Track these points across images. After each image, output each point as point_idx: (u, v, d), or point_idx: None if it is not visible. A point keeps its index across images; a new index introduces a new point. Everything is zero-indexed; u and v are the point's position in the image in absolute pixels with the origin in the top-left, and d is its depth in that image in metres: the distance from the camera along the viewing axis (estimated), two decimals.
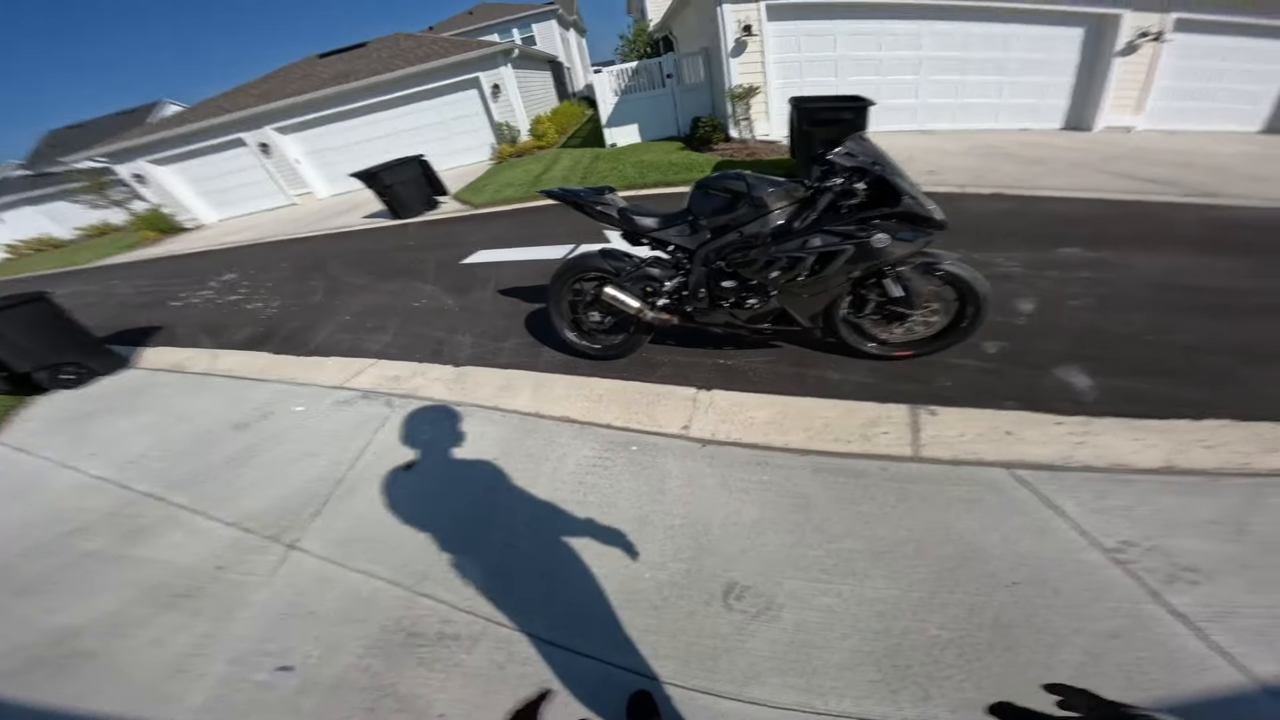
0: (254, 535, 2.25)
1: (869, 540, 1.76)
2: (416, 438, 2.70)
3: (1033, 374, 2.47)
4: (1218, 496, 1.75)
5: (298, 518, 2.30)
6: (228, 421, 3.18)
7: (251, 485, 2.58)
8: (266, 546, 2.18)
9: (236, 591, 2.00)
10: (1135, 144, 7.43)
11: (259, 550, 2.17)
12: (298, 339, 4.34)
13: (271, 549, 2.16)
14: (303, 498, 2.42)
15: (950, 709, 1.31)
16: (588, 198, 2.59)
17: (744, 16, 7.58)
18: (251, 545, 2.20)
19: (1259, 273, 3.27)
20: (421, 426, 2.79)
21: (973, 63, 8.17)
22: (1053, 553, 1.63)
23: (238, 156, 12.29)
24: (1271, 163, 6.15)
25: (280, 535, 2.22)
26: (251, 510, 2.40)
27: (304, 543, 2.17)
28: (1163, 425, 2.06)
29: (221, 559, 2.16)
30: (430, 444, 2.63)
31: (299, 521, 2.28)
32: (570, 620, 1.67)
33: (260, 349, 4.27)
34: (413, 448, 2.62)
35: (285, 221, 10.57)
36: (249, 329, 4.82)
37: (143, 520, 2.48)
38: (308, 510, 2.34)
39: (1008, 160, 6.55)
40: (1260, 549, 1.56)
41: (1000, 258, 3.73)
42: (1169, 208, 4.65)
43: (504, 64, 11.26)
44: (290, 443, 2.86)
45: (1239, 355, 2.45)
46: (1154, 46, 7.73)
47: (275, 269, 6.98)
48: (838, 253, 2.19)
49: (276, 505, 2.40)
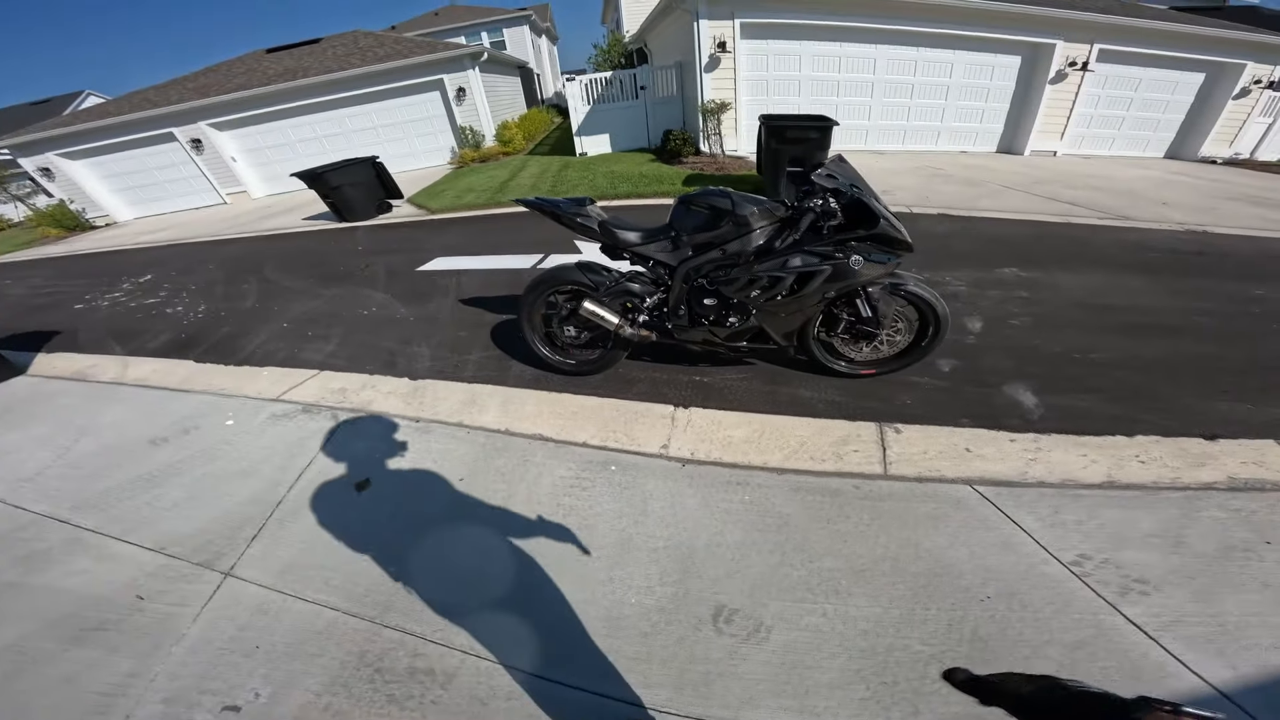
0: (181, 562, 2.02)
1: (848, 559, 1.80)
2: (370, 456, 2.52)
3: (984, 392, 2.65)
4: (1155, 510, 1.91)
5: (232, 542, 2.09)
6: (142, 436, 2.87)
7: (175, 506, 2.32)
8: (197, 574, 1.96)
9: (164, 624, 1.79)
10: (1058, 168, 8.26)
11: (188, 578, 1.95)
12: (226, 347, 3.99)
13: (204, 577, 1.95)
14: (237, 520, 2.20)
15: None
16: (567, 209, 2.53)
17: (719, 33, 7.85)
18: (179, 572, 1.98)
19: (1161, 291, 3.72)
20: (375, 444, 2.61)
21: (920, 87, 8.83)
22: (1018, 567, 1.72)
23: (166, 152, 11.43)
24: (1172, 187, 7.02)
25: (213, 562, 2.01)
26: (176, 534, 2.16)
27: (242, 570, 1.97)
28: (1101, 441, 2.26)
29: (143, 587, 1.93)
30: (386, 463, 2.47)
31: (234, 546, 2.07)
32: (555, 650, 1.60)
33: (181, 357, 3.89)
34: (366, 467, 2.45)
35: (214, 221, 9.80)
36: (167, 335, 4.39)
37: (41, 545, 2.18)
38: (244, 534, 2.12)
39: (949, 182, 7.09)
40: (1197, 560, 1.71)
41: (949, 276, 4.01)
42: (1088, 229, 5.20)
43: (471, 67, 11.03)
44: (220, 460, 2.61)
45: (1149, 372, 2.75)
46: (1080, 75, 8.63)
47: (201, 271, 6.41)
48: (816, 273, 2.26)
49: (207, 528, 2.17)
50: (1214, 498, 1.95)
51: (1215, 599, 1.58)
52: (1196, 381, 2.65)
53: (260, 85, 10.68)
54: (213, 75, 11.89)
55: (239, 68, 12.02)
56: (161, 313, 5.01)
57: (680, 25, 8.71)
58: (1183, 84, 9.07)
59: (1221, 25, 8.73)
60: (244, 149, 11.64)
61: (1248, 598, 1.58)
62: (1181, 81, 9.04)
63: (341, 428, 2.76)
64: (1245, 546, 1.74)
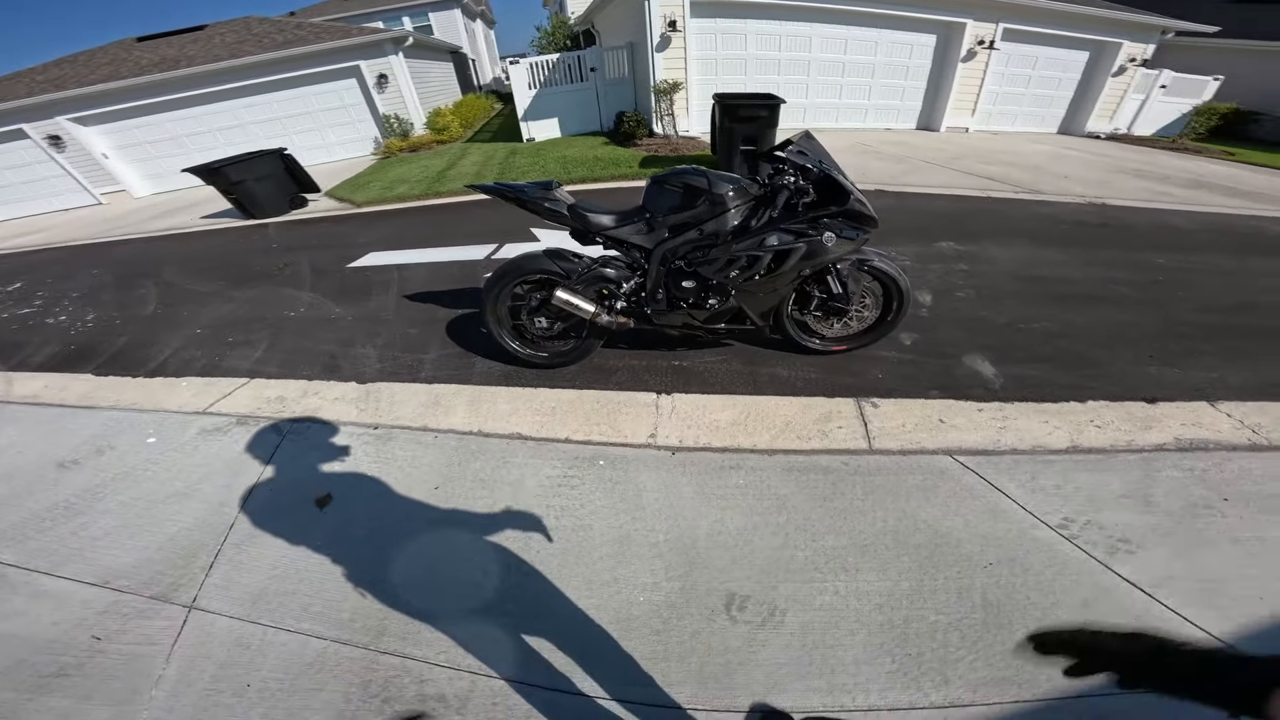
0: (132, 596, 1.80)
1: (851, 535, 1.81)
2: (326, 469, 2.28)
3: (945, 363, 2.77)
4: (1120, 472, 2.04)
5: (187, 572, 1.86)
6: (47, 459, 2.51)
7: (106, 535, 2.05)
8: (154, 609, 1.75)
9: (133, 666, 1.58)
10: (971, 144, 8.90)
11: (145, 614, 1.74)
12: (129, 357, 3.51)
13: (164, 611, 1.74)
14: (185, 547, 1.96)
15: (971, 689, 1.37)
16: (533, 193, 2.36)
17: (669, 11, 7.81)
18: (133, 608, 1.76)
19: (1079, 262, 4.08)
20: (330, 455, 2.36)
21: (850, 65, 9.23)
22: (1011, 533, 1.80)
23: (17, 150, 9.87)
24: (1068, 161, 7.76)
25: (169, 594, 1.79)
26: (116, 566, 1.91)
27: (207, 601, 1.76)
28: (1059, 408, 2.41)
29: (97, 627, 1.71)
30: (346, 475, 2.24)
31: (190, 577, 1.84)
32: (569, 660, 1.50)
33: (76, 370, 3.40)
34: (324, 481, 2.21)
35: (92, 223, 8.56)
36: (53, 347, 3.82)
37: None
38: (198, 562, 1.89)
39: (878, 158, 7.46)
40: (1169, 518, 1.83)
41: (895, 251, 4.19)
42: (1006, 203, 5.64)
43: (394, 52, 10.27)
44: (148, 482, 2.31)
45: (1084, 340, 2.98)
46: (988, 54, 9.29)
47: (83, 276, 5.58)
48: (792, 250, 2.24)
49: (151, 558, 1.93)
50: (1168, 458, 2.11)
51: (1194, 555, 1.71)
52: (1125, 348, 2.90)
53: (131, 76, 9.41)
54: (70, 66, 10.33)
55: (102, 58, 10.52)
56: (40, 323, 4.34)
57: (630, 5, 8.57)
58: (1071, 62, 10.01)
59: (1105, 5, 9.65)
60: (117, 145, 10.28)
61: (1223, 552, 1.71)
62: (1070, 60, 9.98)
63: (288, 439, 2.48)
64: (1206, 504, 1.89)
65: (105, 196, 10.42)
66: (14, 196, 10.36)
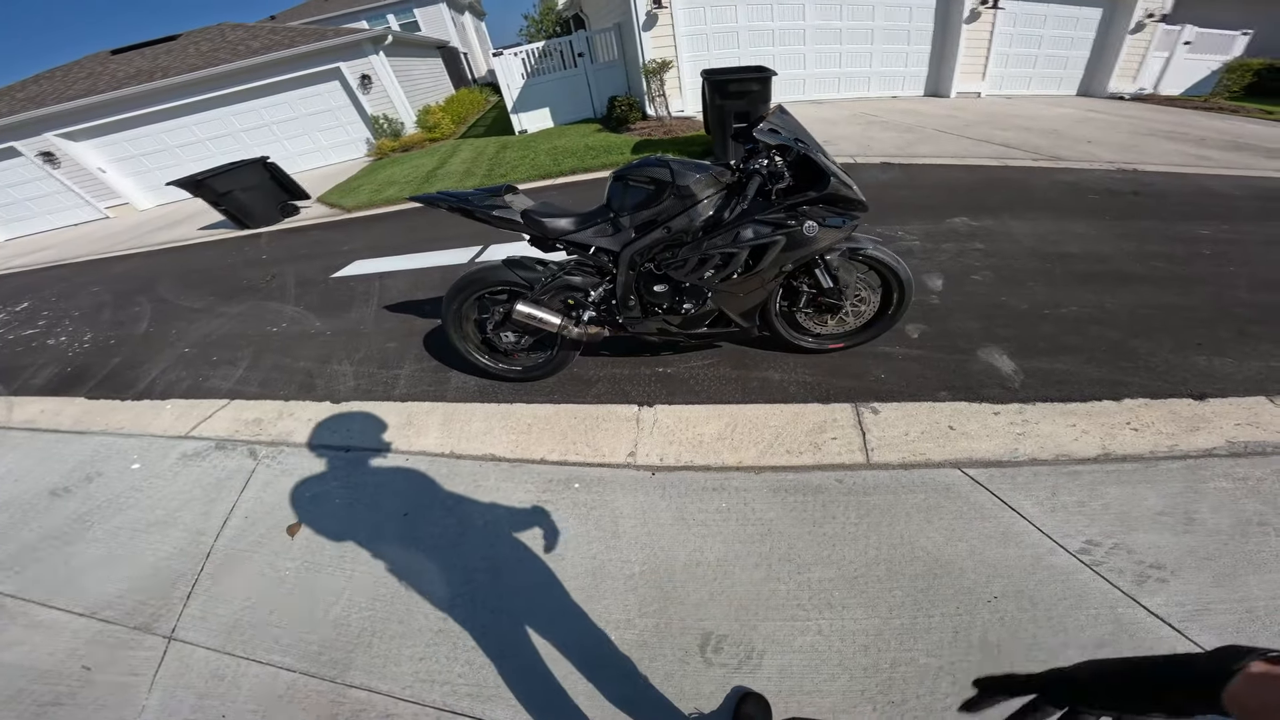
0: (117, 626, 1.82)
1: (839, 566, 1.64)
2: (298, 495, 2.22)
3: (958, 359, 2.52)
4: (1159, 483, 1.79)
5: (167, 602, 1.87)
6: (42, 486, 2.56)
7: (94, 564, 2.07)
8: (138, 639, 1.77)
9: (121, 695, 1.61)
10: (984, 109, 8.36)
11: (129, 644, 1.76)
12: (121, 379, 3.53)
13: (145, 642, 1.76)
14: (166, 577, 1.97)
15: None
16: (479, 202, 2.15)
17: None
18: (118, 638, 1.78)
19: (1111, 236, 3.71)
20: (301, 480, 2.30)
21: (848, 32, 8.73)
22: (1023, 560, 1.59)
23: (13, 168, 10.05)
24: (1091, 125, 7.22)
25: (151, 625, 1.80)
26: (104, 596, 1.93)
27: (185, 632, 1.76)
28: (1089, 409, 2.13)
29: (87, 657, 1.73)
30: (317, 501, 2.17)
31: (170, 607, 1.85)
32: (536, 701, 1.41)
33: (71, 393, 3.45)
34: (294, 507, 2.17)
35: (95, 239, 8.72)
36: (52, 369, 3.89)
37: None
38: (177, 593, 1.90)
39: (885, 128, 7.04)
40: (1212, 538, 1.60)
41: (900, 230, 3.92)
42: (1024, 172, 5.23)
43: (373, 52, 10.14)
44: (133, 509, 2.33)
45: (1120, 326, 2.66)
46: (992, 13, 8.68)
47: (84, 294, 5.67)
48: (770, 244, 2.03)
49: (135, 588, 1.95)
50: (1217, 465, 1.84)
51: (1238, 581, 1.48)
52: (1168, 334, 2.57)
53: (110, 89, 9.43)
54: (47, 83, 10.38)
55: (79, 73, 10.57)
56: (43, 344, 4.43)
57: None
58: (1083, 19, 9.30)
59: None
60: (113, 159, 10.37)
61: (1273, 577, 1.48)
62: (1082, 17, 9.27)
63: (261, 465, 2.44)
64: (1260, 520, 1.64)
65: (110, 210, 10.61)
66: (21, 214, 10.62)
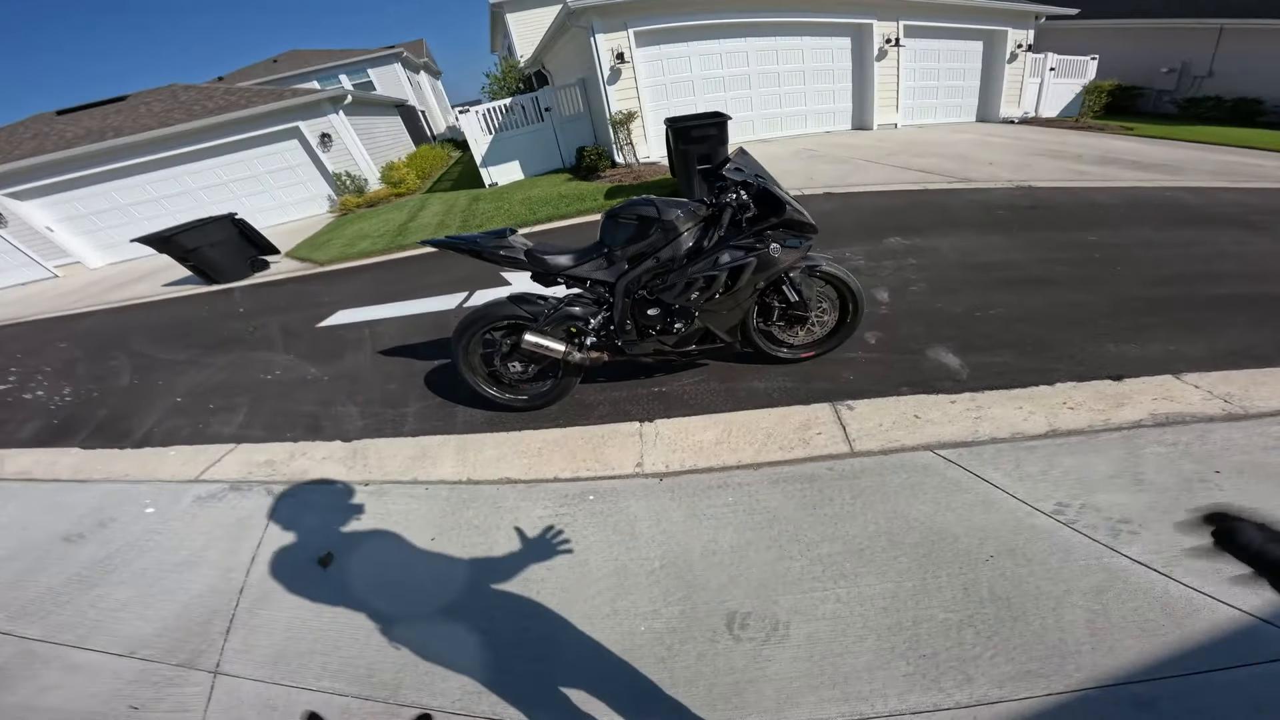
0: (159, 664, 1.81)
1: (844, 541, 1.84)
2: (325, 528, 2.29)
3: (911, 359, 2.87)
4: (1104, 452, 2.05)
5: (206, 638, 1.88)
6: (52, 534, 2.55)
7: (124, 606, 2.07)
8: (183, 676, 1.77)
9: None
10: (902, 138, 9.30)
11: (174, 681, 1.75)
12: (114, 429, 3.49)
13: (191, 678, 1.76)
14: (201, 613, 1.98)
15: (997, 685, 1.36)
16: (486, 243, 2.41)
17: (616, 44, 8.10)
18: (162, 676, 1.77)
19: (1019, 245, 4.27)
20: (326, 515, 2.37)
21: (784, 74, 9.66)
22: (1007, 523, 1.80)
23: None
24: (990, 148, 8.15)
25: (194, 660, 1.80)
26: (140, 636, 1.93)
27: (230, 666, 1.77)
28: (1030, 393, 2.47)
29: (132, 696, 1.71)
30: (344, 533, 2.24)
31: (210, 642, 1.86)
32: (583, 696, 1.51)
33: (63, 444, 3.39)
34: (323, 540, 2.22)
35: (48, 298, 8.42)
36: (35, 422, 3.80)
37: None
38: (215, 628, 1.91)
39: (823, 161, 7.75)
40: (1164, 495, 1.81)
41: (847, 251, 4.36)
42: (943, 194, 5.89)
43: (333, 111, 10.45)
44: (155, 551, 2.33)
45: (1040, 323, 3.10)
46: (896, 51, 9.83)
47: (50, 350, 5.51)
48: (744, 265, 2.35)
49: (170, 626, 1.95)
50: (1148, 434, 2.11)
51: (1201, 531, 1.66)
52: (1079, 327, 3.01)
53: (59, 149, 9.42)
54: None
55: (24, 133, 10.52)
56: (18, 399, 4.29)
57: (578, 43, 8.87)
58: (969, 52, 10.67)
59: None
60: (61, 218, 10.22)
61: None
62: (968, 50, 10.63)
63: (282, 502, 2.49)
64: (1199, 477, 1.87)
65: (60, 269, 10.29)
66: None
